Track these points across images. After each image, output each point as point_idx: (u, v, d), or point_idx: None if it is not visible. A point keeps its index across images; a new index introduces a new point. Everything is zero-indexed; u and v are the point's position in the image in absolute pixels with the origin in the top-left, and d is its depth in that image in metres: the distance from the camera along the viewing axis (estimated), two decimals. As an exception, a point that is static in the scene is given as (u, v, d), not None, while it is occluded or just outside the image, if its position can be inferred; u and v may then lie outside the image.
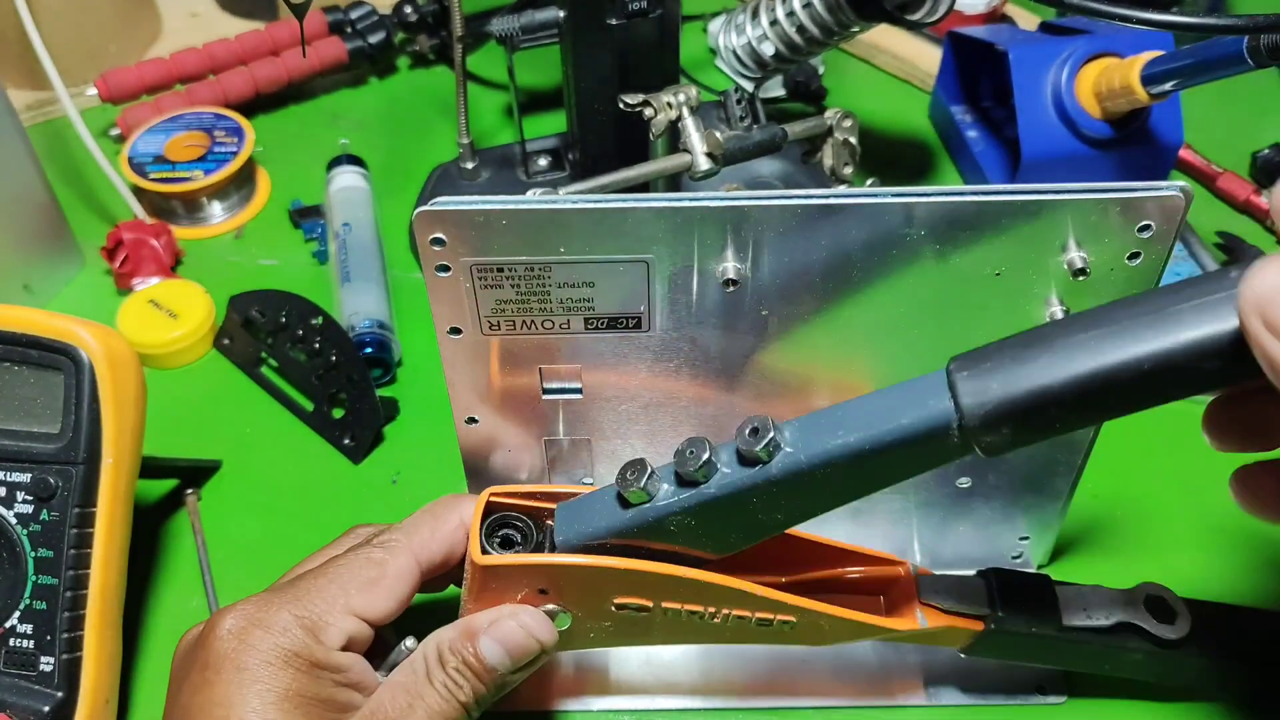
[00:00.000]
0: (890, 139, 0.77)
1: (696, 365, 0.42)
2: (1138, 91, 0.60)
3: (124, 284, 0.65)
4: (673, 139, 0.58)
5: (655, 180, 0.57)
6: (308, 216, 0.70)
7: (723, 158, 0.57)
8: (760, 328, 0.40)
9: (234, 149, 0.70)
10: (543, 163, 0.69)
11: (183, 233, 0.70)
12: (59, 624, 0.43)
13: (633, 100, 0.58)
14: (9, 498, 0.44)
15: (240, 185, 0.72)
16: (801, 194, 0.36)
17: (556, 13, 0.62)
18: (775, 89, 0.79)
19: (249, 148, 0.71)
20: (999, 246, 0.37)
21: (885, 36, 0.82)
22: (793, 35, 0.62)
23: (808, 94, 0.79)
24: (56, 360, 0.44)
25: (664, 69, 0.62)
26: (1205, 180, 0.72)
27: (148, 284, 0.64)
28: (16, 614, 0.43)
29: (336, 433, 0.58)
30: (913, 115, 0.79)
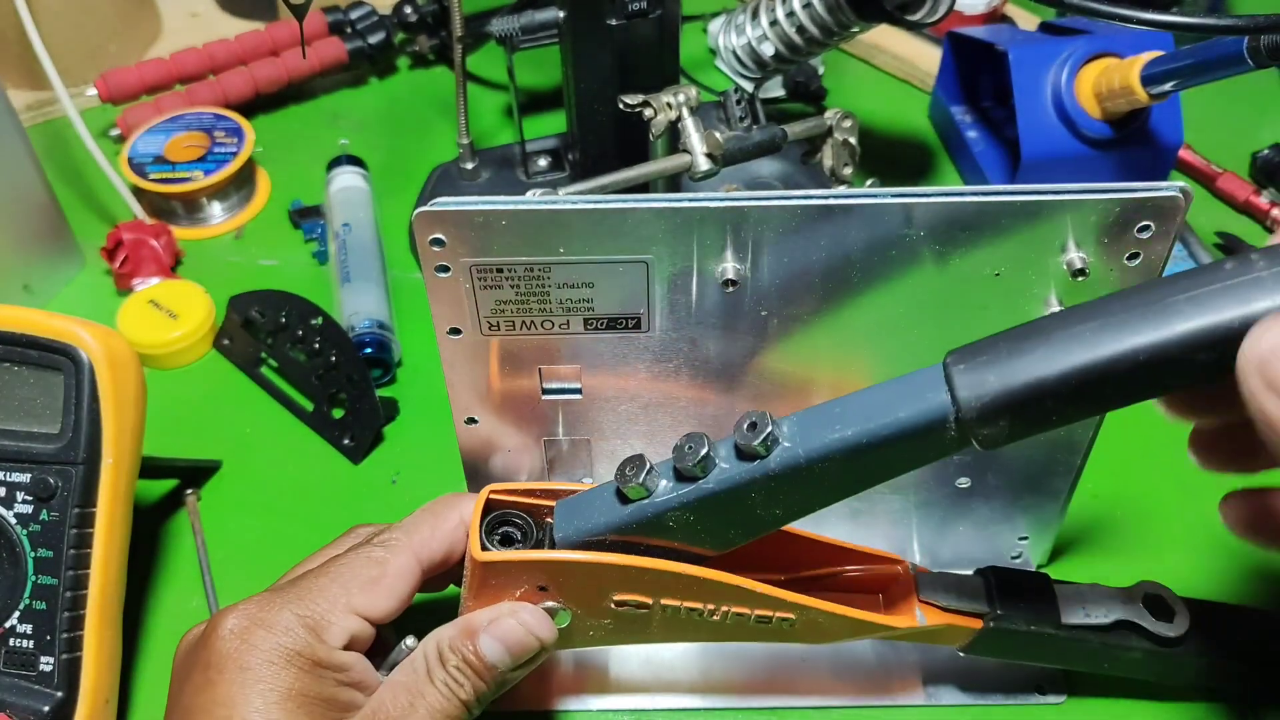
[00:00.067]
0: (890, 139, 0.77)
1: (696, 366, 0.42)
2: (1138, 92, 0.60)
3: (124, 284, 0.65)
4: (673, 139, 0.58)
5: (655, 181, 0.57)
6: (308, 217, 0.70)
7: (722, 158, 0.57)
8: (760, 328, 0.40)
9: (234, 149, 0.70)
10: (543, 163, 0.69)
11: (183, 233, 0.70)
12: (59, 624, 0.43)
13: (633, 100, 0.58)
14: (9, 498, 0.44)
15: (240, 185, 0.72)
16: (801, 194, 0.36)
17: (556, 13, 0.62)
18: (775, 89, 0.79)
19: (249, 148, 0.71)
20: (999, 247, 0.37)
21: (885, 36, 0.82)
22: (792, 35, 0.62)
23: (808, 94, 0.79)
24: (56, 360, 0.44)
25: (664, 69, 0.62)
26: (1205, 180, 0.72)
27: (148, 284, 0.64)
28: (16, 614, 0.43)
29: (336, 433, 0.58)
30: (913, 115, 0.79)
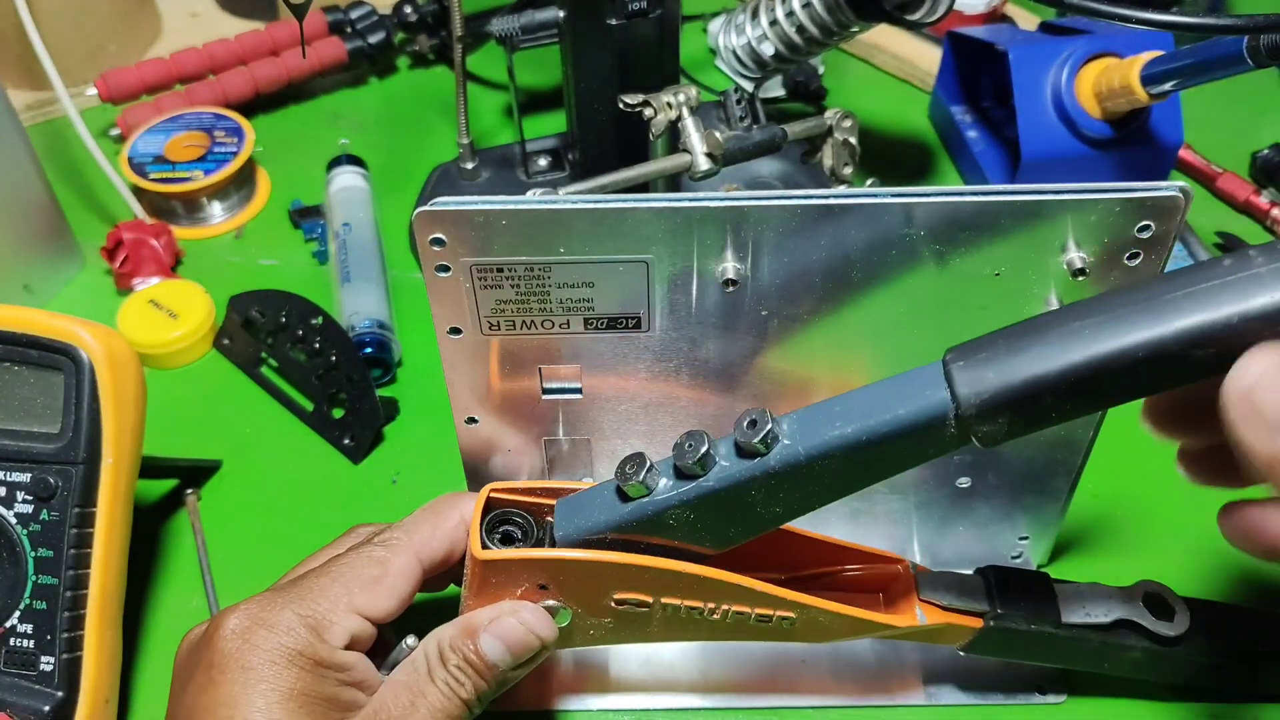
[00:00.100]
0: (890, 139, 0.77)
1: (696, 365, 0.42)
2: (1138, 91, 0.60)
3: (124, 284, 0.65)
4: (673, 139, 0.58)
5: (655, 180, 0.57)
6: (308, 216, 0.70)
7: (722, 158, 0.57)
8: (760, 328, 0.40)
9: (234, 149, 0.70)
10: (543, 163, 0.69)
11: (183, 233, 0.70)
12: (59, 624, 0.43)
13: (633, 100, 0.58)
14: (9, 498, 0.44)
15: (240, 185, 0.72)
16: (801, 194, 0.36)
17: (556, 13, 0.62)
18: (775, 89, 0.79)
19: (249, 148, 0.71)
20: (999, 247, 0.37)
21: (885, 36, 0.82)
22: (792, 35, 0.62)
23: (808, 94, 0.79)
24: (56, 360, 0.44)
25: (664, 69, 0.62)
26: (1205, 180, 0.72)
27: (148, 284, 0.64)
28: (16, 614, 0.43)
29: (336, 433, 0.58)
30: (913, 115, 0.79)
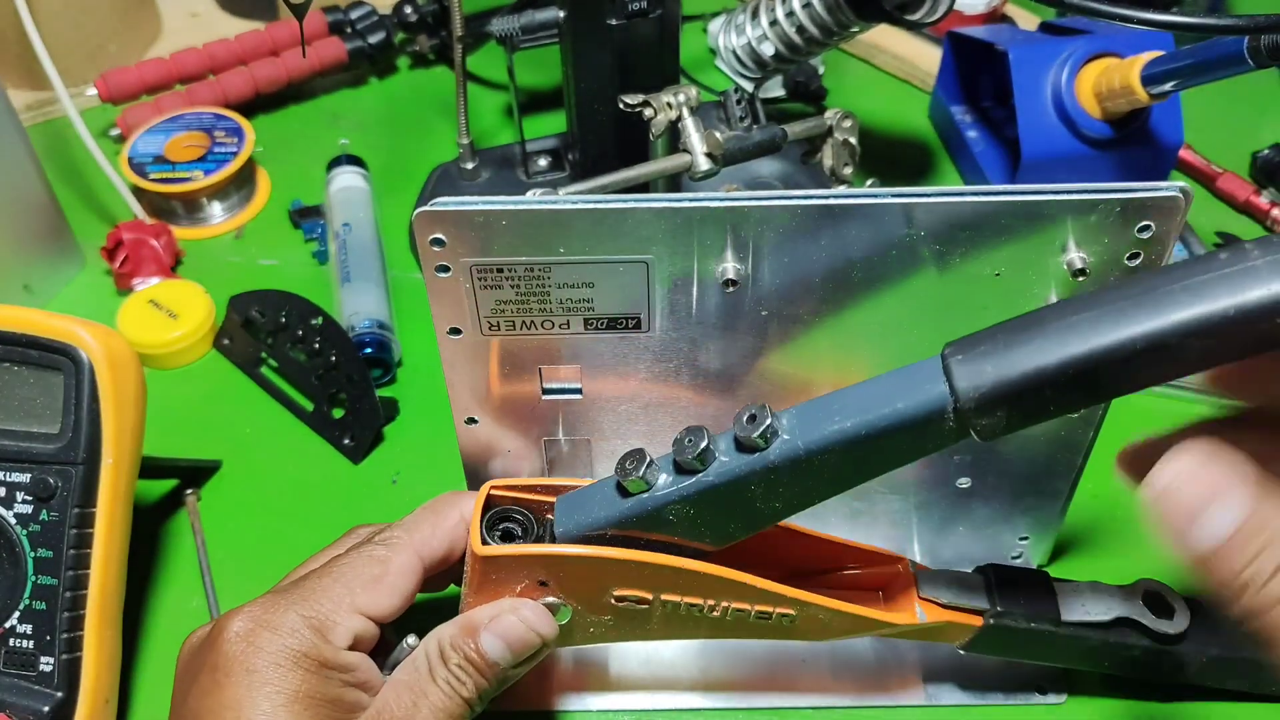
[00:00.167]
0: (890, 139, 0.77)
1: (696, 366, 0.42)
2: (1138, 91, 0.60)
3: (124, 284, 0.65)
4: (673, 139, 0.58)
5: (655, 180, 0.57)
6: (308, 216, 0.70)
7: (723, 158, 0.57)
8: (760, 328, 0.40)
9: (234, 149, 0.70)
10: (543, 163, 0.69)
11: (183, 233, 0.70)
12: (59, 624, 0.43)
13: (633, 100, 0.58)
14: (9, 498, 0.44)
15: (240, 185, 0.72)
16: (801, 194, 0.36)
17: (556, 13, 0.62)
18: (775, 89, 0.79)
19: (249, 148, 0.71)
20: (999, 247, 0.37)
21: (885, 36, 0.82)
22: (792, 35, 0.62)
23: (808, 94, 0.79)
24: (56, 360, 0.44)
25: (664, 69, 0.62)
26: (1205, 180, 0.72)
27: (148, 284, 0.64)
28: (16, 614, 0.43)
29: (336, 433, 0.58)
30: (913, 115, 0.79)
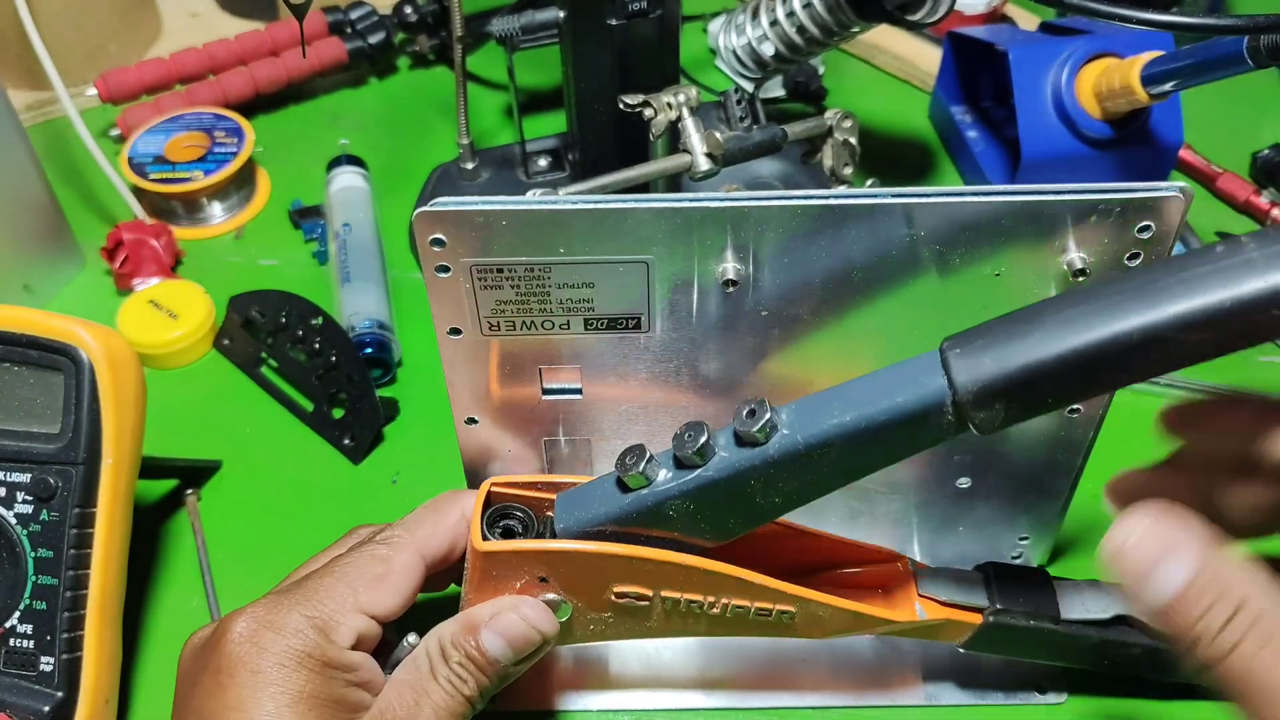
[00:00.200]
0: (890, 139, 0.77)
1: (696, 366, 0.42)
2: (1138, 91, 0.60)
3: (124, 284, 0.65)
4: (673, 139, 0.58)
5: (655, 180, 0.57)
6: (308, 217, 0.70)
7: (723, 158, 0.57)
8: (760, 329, 0.40)
9: (234, 149, 0.70)
10: (543, 163, 0.69)
11: (183, 233, 0.70)
12: (59, 624, 0.43)
13: (633, 100, 0.58)
14: (9, 498, 0.44)
15: (240, 185, 0.72)
16: (801, 194, 0.36)
17: (556, 13, 0.62)
18: (775, 89, 0.79)
19: (249, 148, 0.71)
20: (999, 247, 0.37)
21: (885, 36, 0.82)
22: (793, 35, 0.62)
23: (808, 94, 0.79)
24: (56, 360, 0.44)
25: (664, 69, 0.62)
26: (1205, 180, 0.72)
27: (148, 284, 0.64)
28: (16, 614, 0.43)
29: (336, 433, 0.58)
30: (913, 115, 0.79)
